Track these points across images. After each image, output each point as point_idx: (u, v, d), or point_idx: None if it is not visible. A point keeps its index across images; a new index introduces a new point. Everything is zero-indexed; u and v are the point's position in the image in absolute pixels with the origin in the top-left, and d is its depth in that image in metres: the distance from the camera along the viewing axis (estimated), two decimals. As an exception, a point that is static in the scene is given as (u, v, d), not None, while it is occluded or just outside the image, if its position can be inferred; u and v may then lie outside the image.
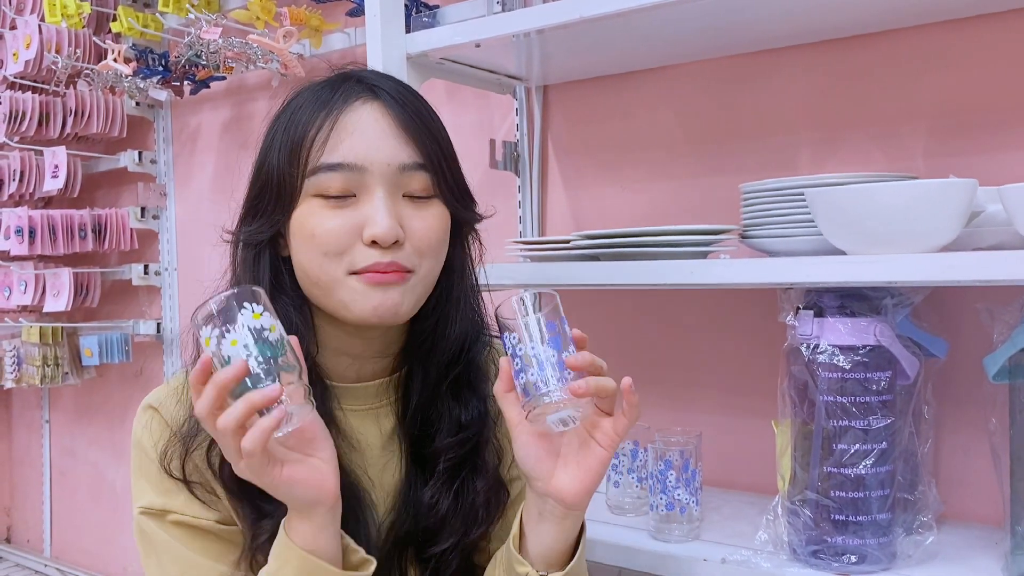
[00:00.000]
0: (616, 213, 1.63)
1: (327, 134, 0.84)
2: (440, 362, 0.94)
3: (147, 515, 0.88)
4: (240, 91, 2.27)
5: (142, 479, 0.90)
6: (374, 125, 0.85)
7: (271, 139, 0.88)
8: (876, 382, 1.11)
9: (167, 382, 0.94)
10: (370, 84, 0.88)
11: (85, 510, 2.79)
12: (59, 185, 2.32)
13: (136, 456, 0.91)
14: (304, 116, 0.85)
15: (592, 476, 0.83)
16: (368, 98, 0.86)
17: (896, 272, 1.02)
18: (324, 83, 0.90)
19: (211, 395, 0.73)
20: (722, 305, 1.51)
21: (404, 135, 0.86)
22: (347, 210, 0.84)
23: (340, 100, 0.85)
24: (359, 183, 0.84)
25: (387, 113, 0.86)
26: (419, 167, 0.86)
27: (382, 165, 0.84)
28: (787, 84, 1.45)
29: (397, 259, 0.84)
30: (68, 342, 2.53)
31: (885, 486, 1.12)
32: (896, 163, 1.35)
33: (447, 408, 0.94)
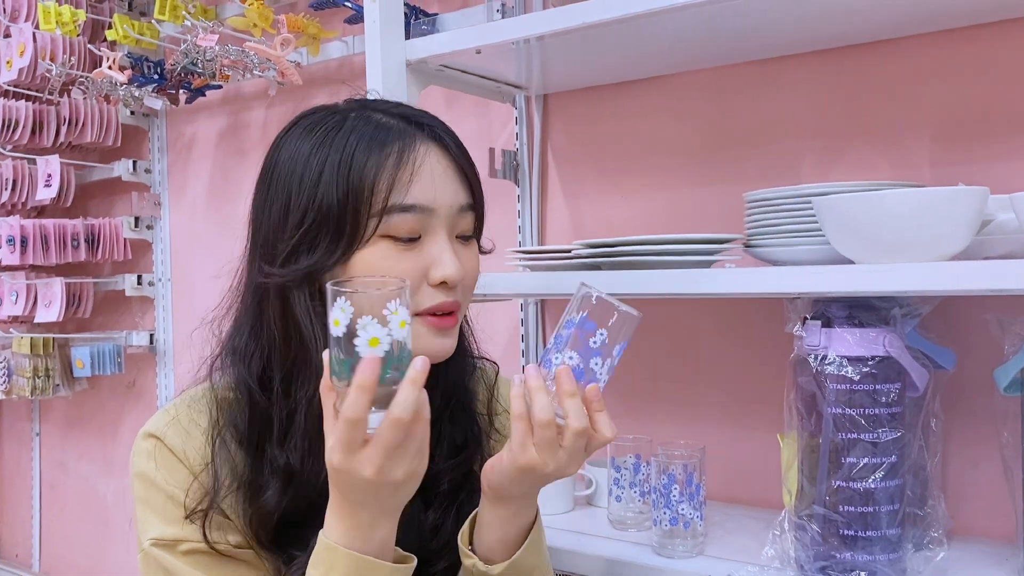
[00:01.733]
0: (617, 223, 1.61)
1: (401, 174, 0.83)
2: (445, 389, 0.95)
3: (160, 546, 0.83)
4: (236, 100, 2.25)
5: (149, 511, 0.85)
6: (439, 167, 0.86)
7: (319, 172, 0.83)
8: (885, 394, 1.09)
9: (164, 410, 0.89)
10: (423, 124, 0.88)
11: (75, 524, 2.75)
12: (52, 194, 2.30)
13: (141, 487, 0.86)
14: (367, 153, 0.83)
15: (518, 471, 0.81)
16: (429, 139, 0.87)
17: (906, 281, 0.99)
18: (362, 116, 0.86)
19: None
20: (726, 315, 1.49)
21: (462, 176, 0.88)
22: (413, 252, 0.84)
23: (406, 139, 0.84)
24: (426, 225, 0.85)
25: (447, 154, 0.87)
26: (471, 208, 0.89)
27: (447, 207, 0.86)
28: (790, 93, 1.43)
29: (455, 297, 0.87)
30: (59, 353, 2.49)
31: (895, 500, 1.09)
32: (901, 172, 1.33)
33: (445, 432, 0.95)
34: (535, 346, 1.68)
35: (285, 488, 0.83)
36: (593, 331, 0.81)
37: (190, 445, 0.86)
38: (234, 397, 0.87)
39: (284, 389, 0.84)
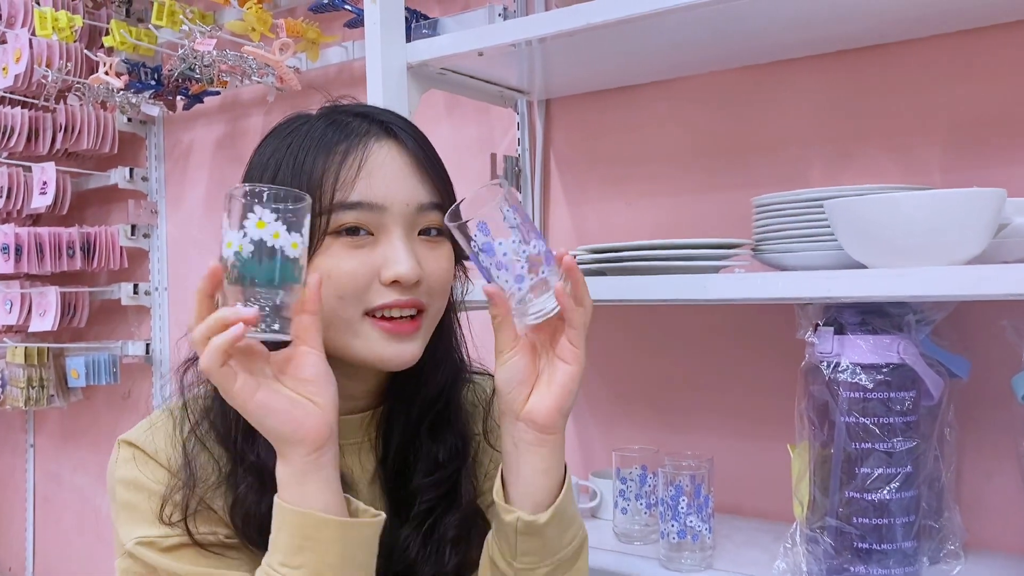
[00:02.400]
0: (621, 230, 1.58)
1: (347, 172, 0.82)
2: (423, 402, 0.93)
3: (145, 544, 0.81)
4: (234, 107, 2.23)
5: (134, 514, 0.83)
6: (392, 163, 0.84)
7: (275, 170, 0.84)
8: (900, 402, 1.06)
9: (144, 421, 0.89)
10: (380, 121, 0.86)
11: (70, 538, 2.71)
12: (47, 202, 2.27)
13: (124, 492, 0.84)
14: (319, 152, 0.83)
15: (562, 392, 0.81)
16: (382, 136, 0.85)
17: (922, 286, 0.97)
18: (326, 119, 0.86)
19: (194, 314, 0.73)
20: (735, 322, 1.46)
21: (421, 174, 0.85)
22: (364, 250, 0.82)
23: (355, 137, 0.83)
24: (377, 223, 0.82)
25: (404, 152, 0.85)
26: (435, 207, 0.85)
27: (401, 205, 0.83)
28: (798, 96, 1.41)
29: (416, 296, 0.84)
30: (54, 363, 2.46)
31: (910, 512, 1.06)
32: (912, 177, 1.31)
33: (425, 448, 0.92)
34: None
35: (261, 485, 0.81)
36: (526, 217, 0.79)
37: (168, 448, 0.85)
38: (209, 397, 0.87)
39: None
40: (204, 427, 0.85)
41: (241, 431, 0.83)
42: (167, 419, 0.87)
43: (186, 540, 0.81)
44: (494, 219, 0.76)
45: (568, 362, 0.81)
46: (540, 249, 0.78)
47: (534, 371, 0.82)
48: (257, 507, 0.81)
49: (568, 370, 0.81)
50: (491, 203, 0.76)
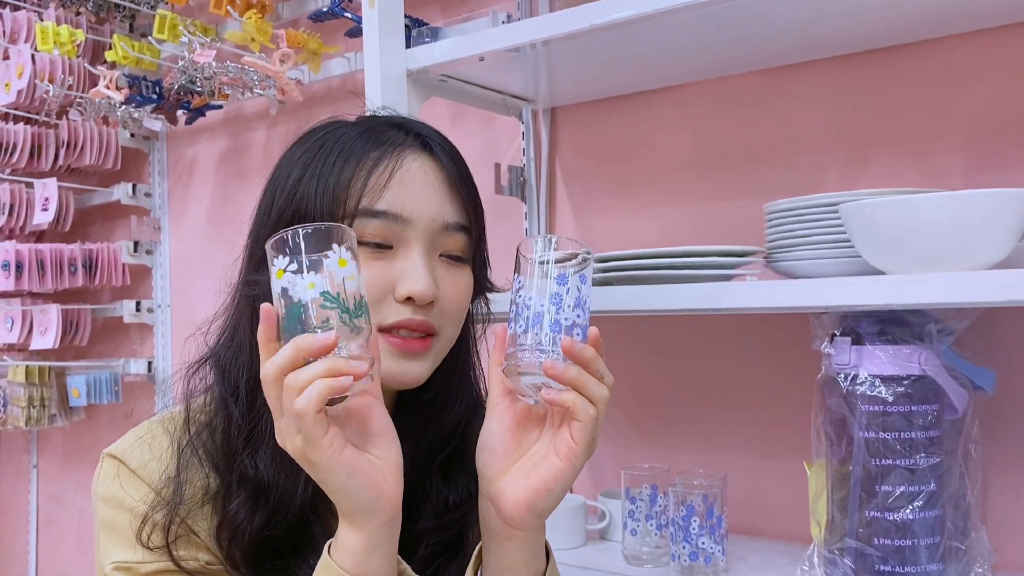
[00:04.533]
0: (628, 240, 1.54)
1: (378, 179, 0.79)
2: (435, 439, 0.87)
3: (123, 571, 0.77)
4: (237, 121, 2.20)
5: (113, 534, 0.79)
6: (423, 178, 0.81)
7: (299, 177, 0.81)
8: (922, 416, 1.01)
9: (132, 432, 0.84)
10: (418, 134, 0.84)
11: (72, 560, 2.67)
12: (49, 218, 2.25)
13: (105, 510, 0.80)
14: (349, 159, 0.80)
15: (539, 489, 0.72)
16: (418, 149, 0.82)
17: (944, 293, 0.92)
18: (363, 125, 0.84)
19: (289, 355, 0.66)
20: (747, 334, 1.40)
21: (451, 193, 0.82)
22: (382, 262, 0.79)
23: (391, 147, 0.81)
24: (399, 235, 0.79)
25: (437, 167, 0.82)
26: (461, 228, 0.83)
27: (427, 220, 0.80)
28: (811, 101, 1.37)
29: (428, 318, 0.79)
30: (56, 382, 2.43)
31: (935, 533, 1.01)
32: (931, 182, 1.26)
33: (435, 488, 0.87)
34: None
35: (255, 501, 0.77)
36: (560, 281, 0.73)
37: (153, 463, 0.80)
38: (210, 409, 0.83)
39: (251, 396, 0.79)
40: (203, 437, 0.81)
41: (244, 446, 0.78)
42: (159, 429, 0.82)
43: (165, 567, 0.76)
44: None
45: (559, 457, 0.72)
46: (568, 318, 0.71)
47: (514, 445, 0.75)
48: (248, 526, 0.77)
49: (555, 467, 0.72)
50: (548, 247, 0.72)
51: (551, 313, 0.70)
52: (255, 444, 0.78)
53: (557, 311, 0.70)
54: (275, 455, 0.76)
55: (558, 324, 0.70)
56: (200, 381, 0.85)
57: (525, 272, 0.72)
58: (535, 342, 0.70)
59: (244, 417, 0.79)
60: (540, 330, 0.70)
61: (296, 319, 0.67)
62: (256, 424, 0.78)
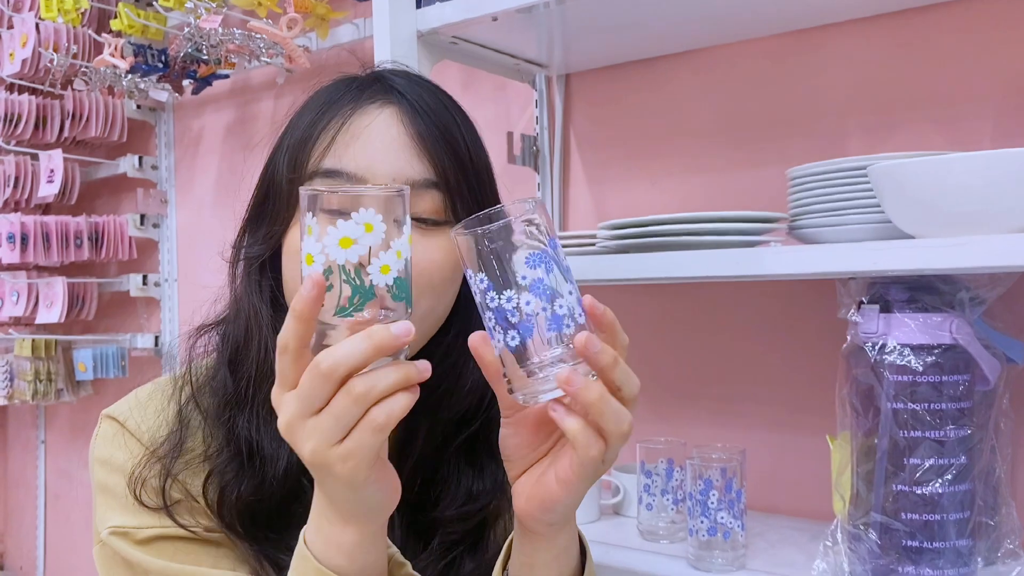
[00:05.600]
0: (645, 210, 1.50)
1: (330, 137, 0.73)
2: (449, 419, 0.80)
3: (119, 535, 0.73)
4: (244, 91, 2.17)
5: (110, 498, 0.75)
6: (384, 132, 0.73)
7: (279, 140, 0.79)
8: (953, 386, 0.97)
9: (134, 393, 0.81)
10: (389, 85, 0.77)
11: (80, 536, 2.66)
12: (54, 191, 2.22)
13: (101, 472, 0.76)
14: (310, 116, 0.75)
15: (543, 501, 0.63)
16: (384, 101, 0.75)
17: (978, 256, 0.88)
18: (345, 79, 0.79)
19: (362, 351, 0.54)
20: (769, 303, 1.36)
21: (419, 147, 0.74)
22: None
23: (351, 100, 0.75)
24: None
25: (403, 120, 0.74)
26: (431, 185, 0.74)
27: (385, 179, 0.72)
28: (835, 64, 1.32)
29: None
30: (63, 357, 2.41)
31: (964, 508, 0.97)
32: (960, 148, 1.21)
33: (455, 473, 0.81)
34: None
35: (244, 464, 0.73)
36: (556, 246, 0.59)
37: (153, 423, 0.77)
38: (210, 373, 0.80)
39: (235, 363, 0.77)
40: (204, 395, 0.78)
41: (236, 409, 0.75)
42: (161, 390, 0.79)
43: (163, 532, 0.72)
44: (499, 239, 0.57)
45: (556, 480, 0.62)
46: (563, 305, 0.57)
47: (529, 450, 0.65)
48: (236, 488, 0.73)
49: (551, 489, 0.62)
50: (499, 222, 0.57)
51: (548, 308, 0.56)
52: (245, 408, 0.75)
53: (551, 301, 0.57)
54: (258, 418, 0.74)
55: (557, 318, 0.57)
56: (203, 345, 0.82)
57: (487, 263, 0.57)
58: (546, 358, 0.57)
59: (233, 383, 0.76)
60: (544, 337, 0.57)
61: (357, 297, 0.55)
62: (246, 389, 0.75)
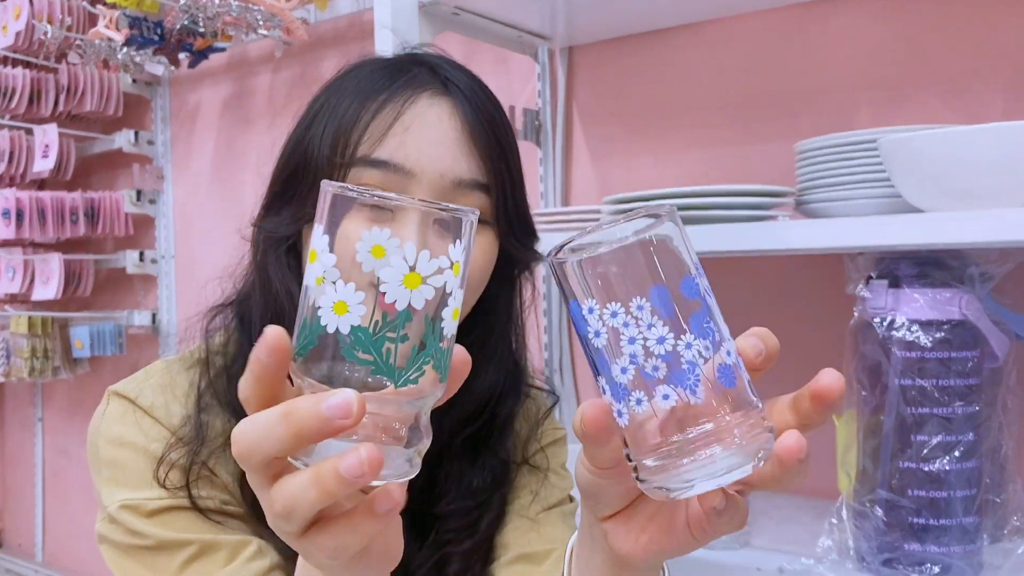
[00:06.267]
0: (649, 185, 1.48)
1: (379, 124, 0.70)
2: (459, 416, 0.78)
3: (129, 509, 0.70)
4: (241, 65, 2.14)
5: (119, 474, 0.72)
6: (437, 126, 0.70)
7: (313, 115, 0.74)
8: (961, 363, 0.96)
9: (144, 371, 0.78)
10: (443, 76, 0.73)
11: (79, 513, 2.66)
12: (49, 166, 2.20)
13: (109, 450, 0.73)
14: (357, 97, 0.71)
15: (664, 548, 0.52)
16: (437, 92, 0.72)
17: (989, 231, 0.87)
18: (389, 61, 0.76)
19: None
20: (776, 278, 1.35)
21: (470, 145, 0.71)
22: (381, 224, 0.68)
23: (403, 87, 0.71)
24: (401, 190, 0.69)
25: (455, 114, 0.71)
26: (478, 187, 0.71)
27: (434, 175, 0.69)
28: (843, 37, 1.30)
29: None
30: (60, 334, 2.39)
31: (971, 485, 0.96)
32: (971, 121, 1.19)
33: (457, 468, 0.79)
34: (557, 317, 1.55)
35: None
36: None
37: (168, 403, 0.74)
38: (229, 351, 0.77)
39: None
40: (223, 381, 0.75)
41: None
42: (176, 368, 0.77)
43: (177, 503, 0.70)
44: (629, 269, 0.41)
45: (695, 533, 0.50)
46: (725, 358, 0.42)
47: (628, 497, 0.53)
48: None
49: (686, 542, 0.51)
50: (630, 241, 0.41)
51: (714, 355, 0.42)
52: None
53: (718, 346, 0.42)
54: None
55: (727, 370, 0.42)
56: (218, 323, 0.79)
57: (615, 289, 0.41)
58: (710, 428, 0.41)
59: None
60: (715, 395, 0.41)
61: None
62: None
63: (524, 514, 0.81)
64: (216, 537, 0.69)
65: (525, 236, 0.79)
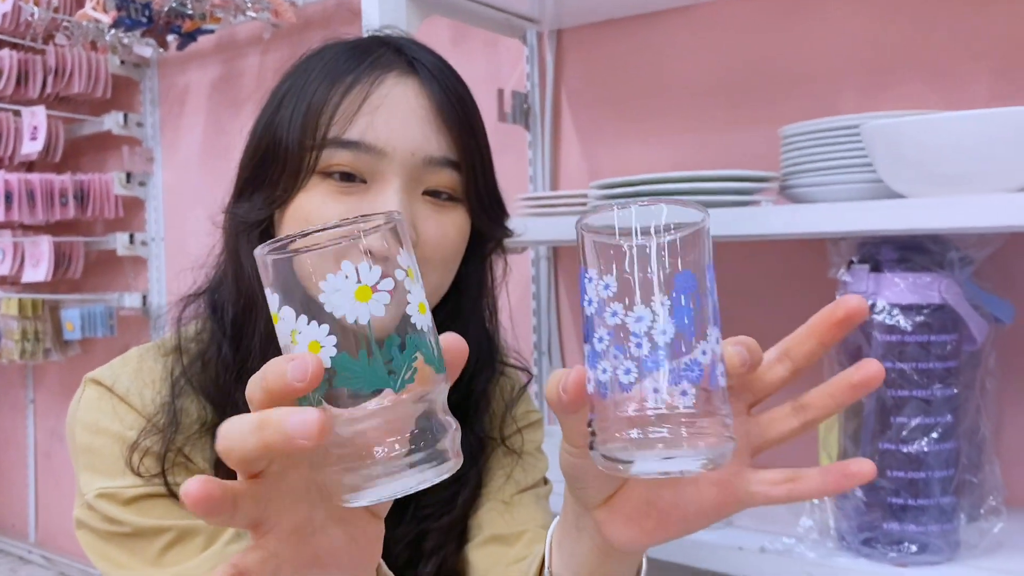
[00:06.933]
0: (637, 170, 1.49)
1: (349, 105, 0.71)
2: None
3: (106, 498, 0.71)
4: (230, 47, 2.13)
5: (96, 461, 0.73)
6: (405, 105, 0.72)
7: (280, 99, 0.75)
8: (940, 346, 0.97)
9: (120, 358, 0.78)
10: (409, 56, 0.75)
11: (71, 494, 2.64)
12: (38, 148, 2.19)
13: (85, 436, 0.74)
14: (325, 79, 0.72)
15: (657, 537, 0.55)
16: (404, 72, 0.73)
17: (969, 216, 0.88)
18: (354, 43, 0.77)
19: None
20: (759, 262, 1.36)
21: (439, 123, 0.73)
22: (353, 198, 0.71)
23: (370, 68, 0.72)
24: (373, 169, 0.71)
25: (423, 93, 0.73)
26: (448, 164, 0.73)
27: (405, 153, 0.71)
28: (828, 22, 1.30)
29: None
30: (51, 316, 2.40)
31: (949, 465, 0.98)
32: (955, 107, 1.20)
33: None
34: (546, 300, 1.56)
35: None
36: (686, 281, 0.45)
37: (143, 390, 0.74)
38: (203, 338, 0.77)
39: (235, 335, 0.74)
40: (196, 368, 0.75)
41: (234, 378, 0.74)
42: (150, 355, 0.77)
43: (154, 490, 0.71)
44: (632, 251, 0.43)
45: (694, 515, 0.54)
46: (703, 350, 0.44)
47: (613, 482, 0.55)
48: None
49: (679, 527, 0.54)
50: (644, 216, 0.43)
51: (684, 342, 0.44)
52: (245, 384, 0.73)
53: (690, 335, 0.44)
54: None
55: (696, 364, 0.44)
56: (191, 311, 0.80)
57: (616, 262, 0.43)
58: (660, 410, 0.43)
59: (233, 356, 0.74)
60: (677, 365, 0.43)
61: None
62: (244, 363, 0.74)
63: (498, 496, 0.83)
64: (194, 523, 0.70)
65: (496, 213, 0.80)
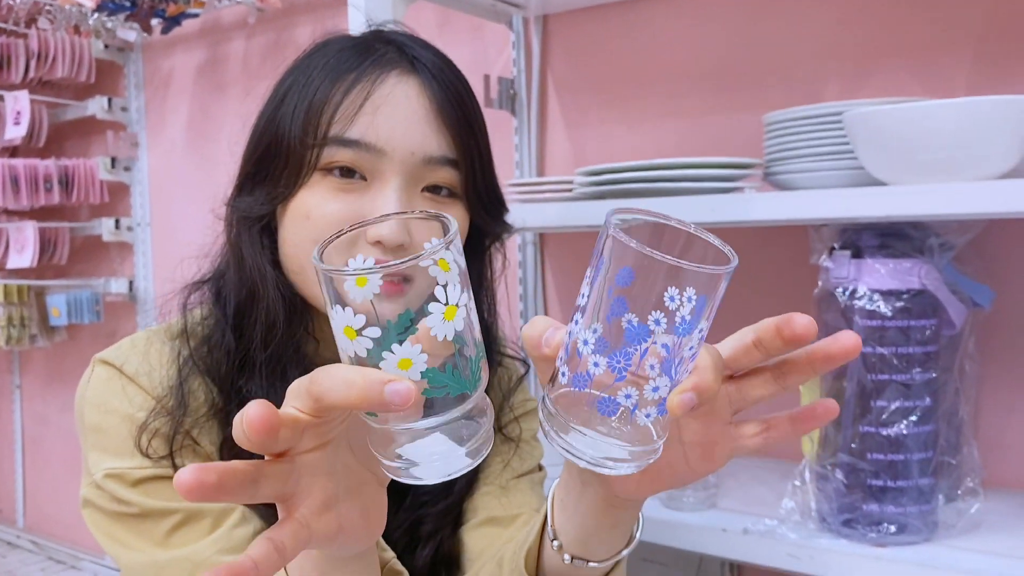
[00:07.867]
0: (622, 156, 1.50)
1: (350, 104, 0.72)
2: None
3: (114, 478, 0.71)
4: (215, 30, 2.12)
5: (104, 440, 0.74)
6: (406, 104, 0.73)
7: (282, 95, 0.76)
8: (920, 331, 0.99)
9: (128, 339, 0.79)
10: (411, 55, 0.76)
11: (59, 479, 2.67)
12: (21, 133, 2.17)
13: (95, 416, 0.74)
14: (327, 77, 0.73)
15: (660, 483, 0.60)
16: (405, 71, 0.74)
17: (948, 203, 0.89)
18: (357, 40, 0.78)
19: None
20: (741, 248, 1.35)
21: (439, 122, 0.74)
22: (353, 195, 0.72)
23: (372, 66, 0.74)
24: (373, 167, 0.72)
25: (423, 93, 0.74)
26: (448, 163, 0.74)
27: (405, 152, 0.72)
28: (812, 9, 1.31)
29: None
30: (36, 302, 2.39)
31: (928, 448, 1.00)
32: (936, 93, 1.22)
33: None
34: (532, 286, 1.57)
35: None
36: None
37: (152, 371, 0.75)
38: (209, 323, 0.78)
39: (237, 324, 0.76)
40: (203, 352, 0.77)
41: (239, 370, 0.75)
42: (159, 338, 0.78)
43: (161, 472, 0.72)
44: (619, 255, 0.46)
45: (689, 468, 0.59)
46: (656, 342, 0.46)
47: None
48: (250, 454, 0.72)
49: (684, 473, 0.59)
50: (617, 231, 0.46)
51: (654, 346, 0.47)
52: (248, 372, 0.74)
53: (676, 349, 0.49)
54: (266, 385, 0.73)
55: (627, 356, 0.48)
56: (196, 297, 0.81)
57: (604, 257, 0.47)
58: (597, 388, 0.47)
59: (236, 343, 0.76)
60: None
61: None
62: (247, 353, 0.75)
63: (495, 481, 0.84)
64: (200, 505, 0.70)
65: (495, 209, 0.82)
